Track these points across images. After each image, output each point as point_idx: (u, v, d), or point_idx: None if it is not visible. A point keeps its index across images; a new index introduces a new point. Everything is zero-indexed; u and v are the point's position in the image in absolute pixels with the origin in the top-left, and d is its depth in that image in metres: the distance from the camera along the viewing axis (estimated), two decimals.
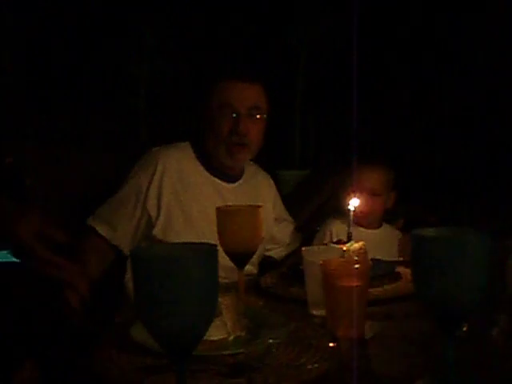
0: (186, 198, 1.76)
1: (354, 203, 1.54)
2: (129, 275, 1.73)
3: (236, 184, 1.86)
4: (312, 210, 2.32)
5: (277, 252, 1.99)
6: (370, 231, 2.05)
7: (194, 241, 1.64)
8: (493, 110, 3.50)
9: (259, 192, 1.94)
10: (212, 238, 1.36)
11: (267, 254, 1.97)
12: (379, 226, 2.09)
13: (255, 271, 1.84)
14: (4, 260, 1.61)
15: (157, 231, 1.72)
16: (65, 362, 1.16)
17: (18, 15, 3.58)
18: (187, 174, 1.78)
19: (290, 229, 2.02)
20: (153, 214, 1.72)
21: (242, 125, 1.72)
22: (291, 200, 2.43)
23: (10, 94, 3.60)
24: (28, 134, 3.63)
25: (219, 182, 1.82)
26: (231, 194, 1.82)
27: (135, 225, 1.74)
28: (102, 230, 1.71)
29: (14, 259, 1.27)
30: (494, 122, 3.50)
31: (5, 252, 1.43)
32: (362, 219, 2.02)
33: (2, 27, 3.56)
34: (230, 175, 1.84)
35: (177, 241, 1.68)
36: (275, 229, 1.96)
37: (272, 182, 2.03)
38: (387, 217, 2.12)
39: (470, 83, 3.44)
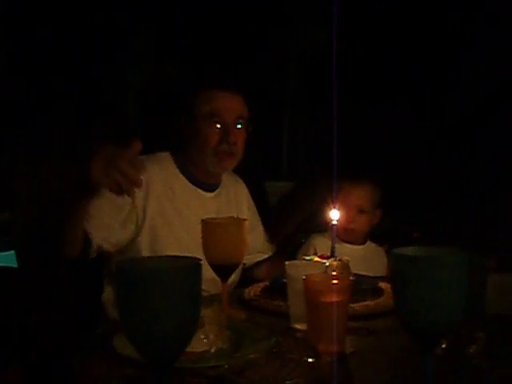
0: (170, 209, 1.76)
1: (335, 216, 1.55)
2: (105, 293, 1.73)
3: (215, 192, 1.87)
4: (297, 221, 2.32)
5: (247, 258, 1.98)
6: (354, 247, 2.06)
7: (176, 250, 1.64)
8: (481, 126, 3.54)
9: (237, 198, 1.96)
10: (195, 248, 1.36)
11: None
12: (364, 243, 2.11)
13: (237, 279, 1.84)
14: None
15: (142, 239, 1.71)
16: (47, 371, 1.17)
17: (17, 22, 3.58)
18: (171, 185, 1.79)
19: (262, 237, 2.03)
20: (139, 213, 1.70)
21: (232, 134, 1.74)
22: (276, 211, 2.44)
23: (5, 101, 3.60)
24: (20, 139, 3.61)
25: (200, 191, 1.84)
26: (212, 202, 1.84)
27: (112, 216, 1.66)
28: None
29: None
30: (479, 137, 3.53)
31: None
32: (347, 235, 2.03)
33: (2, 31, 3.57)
34: (210, 184, 1.86)
35: (160, 249, 1.69)
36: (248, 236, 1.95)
37: (246, 188, 2.04)
38: (372, 232, 2.13)
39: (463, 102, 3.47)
